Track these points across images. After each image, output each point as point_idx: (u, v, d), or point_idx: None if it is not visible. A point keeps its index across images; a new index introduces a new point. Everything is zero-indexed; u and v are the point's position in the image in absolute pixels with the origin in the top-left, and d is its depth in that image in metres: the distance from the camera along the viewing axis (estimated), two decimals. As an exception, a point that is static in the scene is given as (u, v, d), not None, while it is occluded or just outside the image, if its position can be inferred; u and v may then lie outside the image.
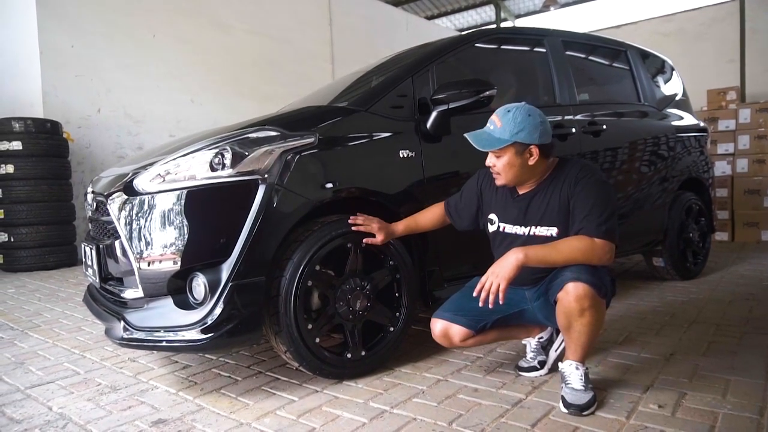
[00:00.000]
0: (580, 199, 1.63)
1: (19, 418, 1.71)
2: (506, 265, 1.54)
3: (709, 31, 10.94)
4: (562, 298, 1.56)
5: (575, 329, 1.58)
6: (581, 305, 1.53)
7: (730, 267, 3.87)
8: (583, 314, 1.54)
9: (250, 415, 1.66)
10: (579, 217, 1.61)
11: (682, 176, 3.37)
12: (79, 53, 5.54)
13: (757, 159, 5.26)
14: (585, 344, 1.60)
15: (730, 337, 2.23)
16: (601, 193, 1.63)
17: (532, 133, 1.63)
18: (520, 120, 1.63)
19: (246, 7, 7.21)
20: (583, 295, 1.52)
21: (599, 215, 1.58)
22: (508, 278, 1.53)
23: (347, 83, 2.70)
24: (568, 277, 1.55)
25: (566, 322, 1.59)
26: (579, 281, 1.53)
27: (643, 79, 3.37)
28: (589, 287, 1.52)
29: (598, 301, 1.56)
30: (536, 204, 1.72)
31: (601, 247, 1.56)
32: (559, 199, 1.67)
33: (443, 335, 1.80)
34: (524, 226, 1.74)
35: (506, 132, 1.63)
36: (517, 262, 1.54)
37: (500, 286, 1.53)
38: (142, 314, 1.77)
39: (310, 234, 1.81)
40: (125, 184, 1.83)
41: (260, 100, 6.92)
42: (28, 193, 4.74)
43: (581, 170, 1.67)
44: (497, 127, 1.65)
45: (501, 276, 1.53)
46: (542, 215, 1.70)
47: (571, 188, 1.65)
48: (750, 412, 1.53)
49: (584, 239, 1.57)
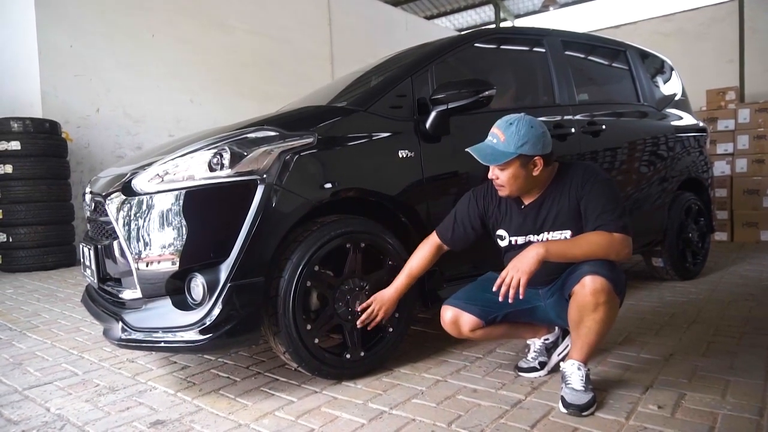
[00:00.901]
0: (591, 199, 1.64)
1: (17, 419, 1.70)
2: (527, 260, 1.54)
3: (708, 31, 10.95)
4: (578, 292, 1.56)
5: (586, 325, 1.58)
6: (597, 299, 1.53)
7: (729, 267, 3.87)
8: (597, 309, 1.54)
9: (248, 416, 1.65)
10: (593, 215, 1.62)
11: (682, 176, 3.37)
12: (78, 53, 5.53)
13: (757, 159, 5.26)
14: (592, 343, 1.60)
15: (730, 338, 2.23)
16: (609, 191, 1.65)
17: (536, 145, 1.63)
18: (524, 132, 1.63)
19: (246, 7, 7.20)
20: (600, 289, 1.53)
21: (613, 211, 1.61)
22: (529, 272, 1.53)
23: (346, 83, 2.70)
24: (586, 271, 1.55)
25: (578, 316, 1.59)
26: (597, 275, 1.53)
27: (643, 79, 3.36)
28: (606, 281, 1.53)
29: (614, 297, 1.56)
30: (546, 210, 1.73)
31: (620, 241, 1.58)
32: (568, 203, 1.68)
33: (453, 322, 1.80)
34: (537, 234, 1.74)
35: (510, 145, 1.63)
36: (538, 256, 1.54)
37: (521, 280, 1.52)
38: (141, 315, 1.77)
39: (309, 234, 1.81)
40: (124, 184, 1.82)
41: (260, 100, 6.91)
42: (27, 193, 4.73)
43: (586, 172, 1.69)
44: (500, 141, 1.65)
45: (522, 270, 1.53)
46: (554, 220, 1.71)
47: (579, 191, 1.67)
48: (749, 413, 1.53)
49: (603, 234, 1.58)
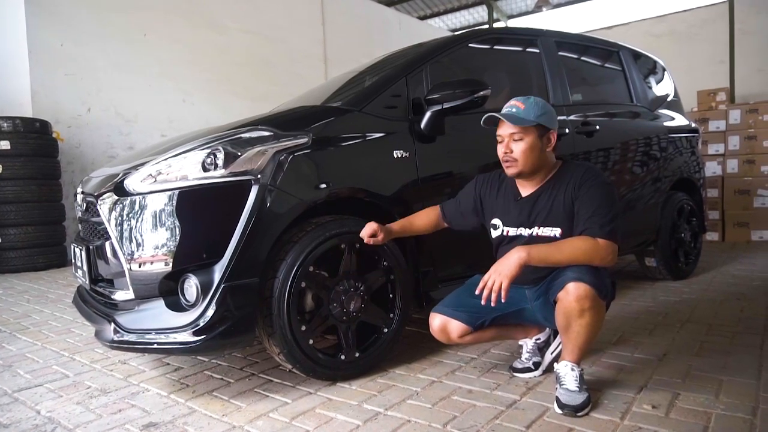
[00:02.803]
0: (584, 201, 1.64)
1: (6, 422, 1.68)
2: (509, 264, 1.54)
3: (700, 33, 11.02)
4: (563, 298, 1.56)
5: (573, 330, 1.58)
6: (581, 306, 1.53)
7: (721, 267, 3.90)
8: (583, 315, 1.54)
9: (242, 418, 1.64)
10: (583, 218, 1.63)
11: (674, 177, 3.39)
12: (69, 52, 5.48)
13: (747, 159, 5.31)
14: (582, 345, 1.60)
15: (723, 337, 2.24)
16: (605, 195, 1.65)
17: (552, 120, 1.73)
18: (542, 105, 1.72)
19: (239, 7, 7.17)
20: (584, 296, 1.52)
21: (603, 216, 1.60)
22: (510, 276, 1.53)
23: (341, 83, 2.69)
24: (570, 277, 1.55)
25: (565, 322, 1.59)
26: (581, 281, 1.53)
27: (636, 79, 3.38)
28: (590, 288, 1.53)
29: (599, 302, 1.56)
30: (541, 205, 1.73)
31: (604, 247, 1.58)
32: (563, 201, 1.68)
33: (441, 330, 1.80)
34: (529, 228, 1.75)
35: (531, 113, 1.68)
36: (520, 260, 1.54)
37: (503, 284, 1.52)
38: (133, 316, 1.75)
39: (303, 235, 1.80)
40: (116, 184, 1.80)
41: (253, 100, 6.88)
42: (17, 194, 4.67)
43: (585, 173, 1.70)
44: (521, 109, 1.69)
45: (504, 274, 1.53)
46: (546, 216, 1.71)
47: (575, 190, 1.67)
48: (743, 412, 1.54)
49: (587, 239, 1.58)
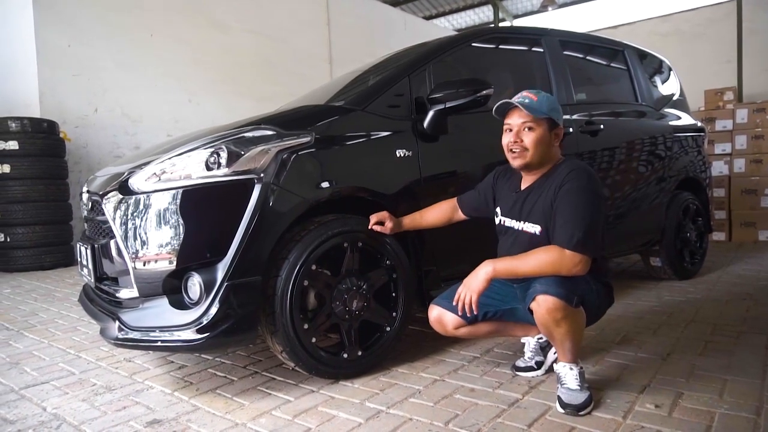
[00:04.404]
0: (560, 205, 1.62)
1: (13, 418, 1.70)
2: (477, 279, 1.62)
3: (706, 32, 10.96)
4: (536, 310, 1.57)
5: (556, 337, 1.59)
6: (553, 317, 1.54)
7: (727, 267, 3.87)
8: (559, 324, 1.55)
9: (245, 416, 1.65)
10: (557, 224, 1.61)
11: (680, 176, 3.37)
12: (76, 52, 5.52)
13: (755, 159, 5.27)
14: (571, 348, 1.61)
15: (727, 337, 2.23)
16: (582, 201, 1.59)
17: (560, 116, 1.75)
18: (553, 100, 1.75)
19: (244, 7, 7.20)
20: (553, 308, 1.52)
21: (575, 226, 1.56)
22: (478, 291, 1.61)
23: (344, 82, 2.69)
24: (537, 290, 1.55)
25: (546, 331, 1.61)
26: (547, 294, 1.52)
27: (641, 78, 3.36)
28: (557, 300, 1.51)
29: (570, 311, 1.54)
30: (531, 200, 1.74)
31: (571, 258, 1.54)
32: (546, 200, 1.67)
33: (437, 321, 1.85)
34: (518, 221, 1.77)
35: (544, 106, 1.70)
36: (486, 275, 1.60)
37: (472, 298, 1.61)
38: (138, 314, 1.76)
39: (306, 233, 1.80)
40: (120, 183, 1.82)
41: (258, 100, 6.90)
42: (25, 193, 4.72)
43: (571, 173, 1.64)
44: (533, 101, 1.70)
45: (472, 289, 1.62)
46: (530, 212, 1.73)
47: (557, 191, 1.64)
48: (747, 412, 1.53)
49: (554, 251, 1.56)
